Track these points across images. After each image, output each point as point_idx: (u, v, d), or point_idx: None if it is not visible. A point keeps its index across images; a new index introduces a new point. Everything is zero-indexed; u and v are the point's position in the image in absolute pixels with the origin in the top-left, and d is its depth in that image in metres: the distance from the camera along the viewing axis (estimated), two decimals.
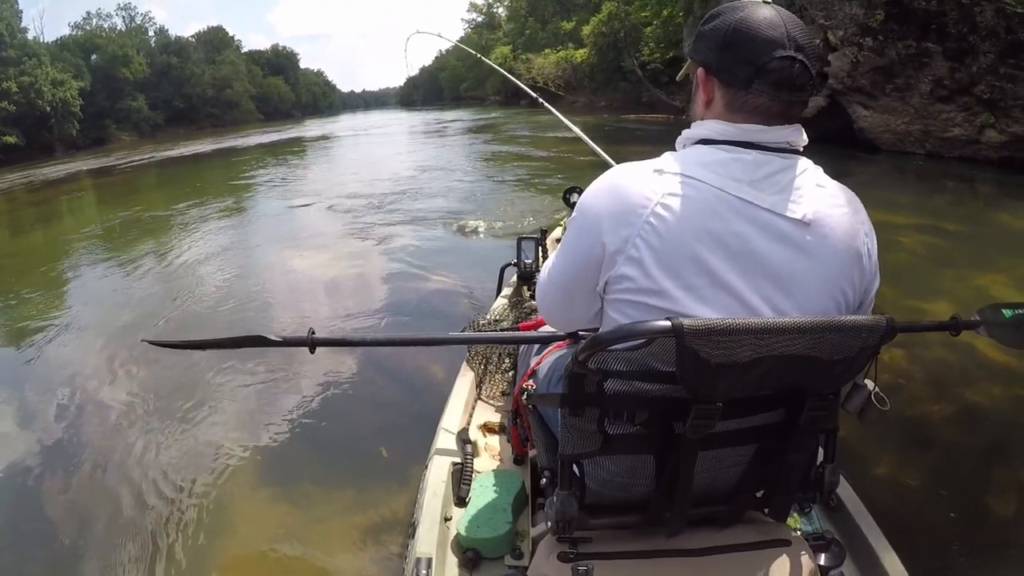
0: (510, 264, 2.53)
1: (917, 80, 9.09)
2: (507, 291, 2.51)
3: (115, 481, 2.38)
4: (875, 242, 0.93)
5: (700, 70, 0.92)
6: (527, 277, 2.42)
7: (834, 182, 0.91)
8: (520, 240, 2.44)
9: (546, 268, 1.06)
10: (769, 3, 0.89)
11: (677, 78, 1.14)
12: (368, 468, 2.31)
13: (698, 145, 0.90)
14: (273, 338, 1.26)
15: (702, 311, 0.83)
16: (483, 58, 4.05)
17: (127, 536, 2.05)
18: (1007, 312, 1.13)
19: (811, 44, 0.87)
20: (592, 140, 2.41)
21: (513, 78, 3.53)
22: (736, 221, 0.83)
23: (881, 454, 2.22)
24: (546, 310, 1.09)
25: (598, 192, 0.91)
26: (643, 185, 0.85)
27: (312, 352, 1.28)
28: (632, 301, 0.87)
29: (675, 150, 0.94)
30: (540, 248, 2.44)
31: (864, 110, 10.15)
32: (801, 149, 0.90)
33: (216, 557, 1.94)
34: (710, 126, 0.90)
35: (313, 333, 1.27)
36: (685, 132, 0.95)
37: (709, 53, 0.90)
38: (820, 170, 0.90)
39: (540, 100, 2.77)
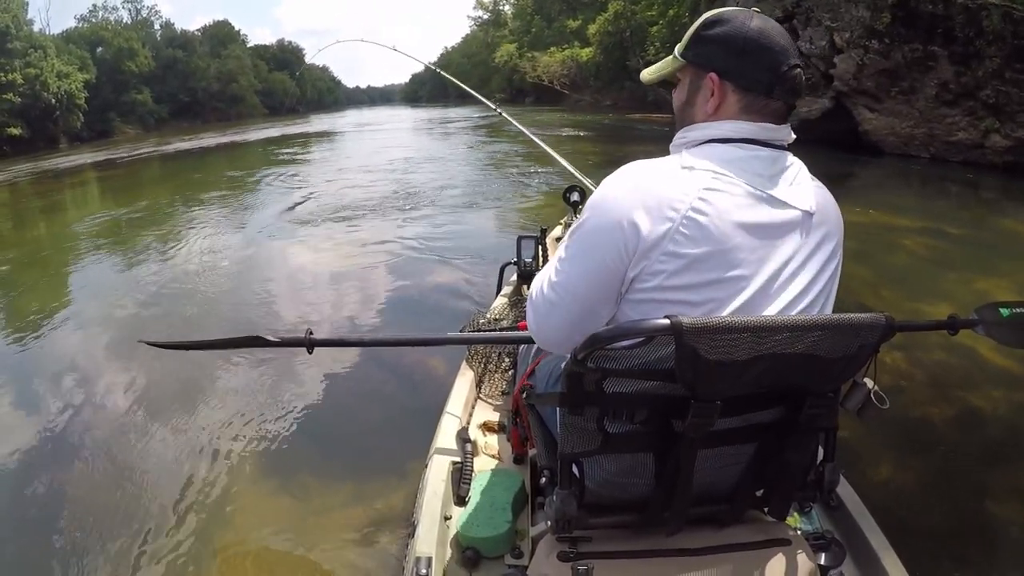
0: (510, 263, 2.52)
1: (922, 83, 9.07)
2: (507, 290, 2.50)
3: (114, 478, 2.38)
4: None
5: (712, 74, 0.92)
6: (527, 276, 2.40)
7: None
8: (520, 239, 2.42)
9: (547, 283, 0.95)
10: (759, 12, 0.93)
11: (645, 77, 1.08)
12: (367, 467, 2.31)
13: (710, 144, 0.91)
14: (271, 339, 1.26)
15: (729, 306, 0.85)
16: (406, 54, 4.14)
17: (126, 531, 2.05)
18: (1004, 311, 1.14)
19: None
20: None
21: (463, 85, 3.60)
22: (764, 214, 0.87)
23: (881, 454, 2.23)
24: (552, 329, 0.96)
25: (622, 187, 0.88)
26: (677, 180, 0.86)
27: (310, 353, 1.28)
28: (657, 300, 0.86)
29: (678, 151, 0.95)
30: (540, 247, 2.43)
31: (869, 113, 10.14)
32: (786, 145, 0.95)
33: (216, 552, 1.94)
34: (728, 126, 0.91)
35: (311, 333, 1.26)
36: (689, 133, 0.95)
37: (722, 59, 0.92)
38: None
39: (502, 113, 3.08)
